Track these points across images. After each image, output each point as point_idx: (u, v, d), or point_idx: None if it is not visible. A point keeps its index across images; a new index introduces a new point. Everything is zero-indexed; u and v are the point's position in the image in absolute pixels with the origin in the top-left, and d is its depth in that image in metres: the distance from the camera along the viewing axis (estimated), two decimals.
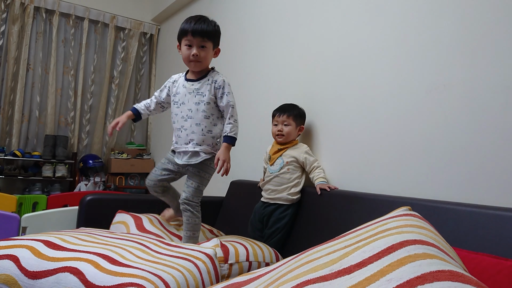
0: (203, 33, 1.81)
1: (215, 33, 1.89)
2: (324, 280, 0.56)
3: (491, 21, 1.53)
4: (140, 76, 4.68)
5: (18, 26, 3.92)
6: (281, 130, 2.15)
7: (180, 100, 1.90)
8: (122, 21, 4.50)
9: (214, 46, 1.90)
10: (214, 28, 1.87)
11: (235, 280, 0.81)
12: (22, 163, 3.99)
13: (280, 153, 2.15)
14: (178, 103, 1.90)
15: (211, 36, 1.85)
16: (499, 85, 1.47)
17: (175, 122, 1.92)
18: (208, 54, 1.87)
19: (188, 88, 1.89)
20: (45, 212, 2.39)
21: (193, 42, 1.82)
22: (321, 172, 2.08)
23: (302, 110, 2.23)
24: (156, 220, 2.04)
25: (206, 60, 1.88)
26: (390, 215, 0.79)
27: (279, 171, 2.11)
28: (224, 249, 1.57)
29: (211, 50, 1.89)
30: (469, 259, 1.18)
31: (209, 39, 1.85)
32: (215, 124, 1.89)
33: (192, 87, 1.88)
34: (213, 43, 1.88)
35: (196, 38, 1.81)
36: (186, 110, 1.87)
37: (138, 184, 4.31)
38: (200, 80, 1.89)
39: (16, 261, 1.12)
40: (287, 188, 2.07)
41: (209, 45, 1.86)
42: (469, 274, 0.53)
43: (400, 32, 1.86)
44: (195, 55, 1.82)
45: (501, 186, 1.44)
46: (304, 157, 2.10)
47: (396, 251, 0.57)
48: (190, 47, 1.83)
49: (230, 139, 1.84)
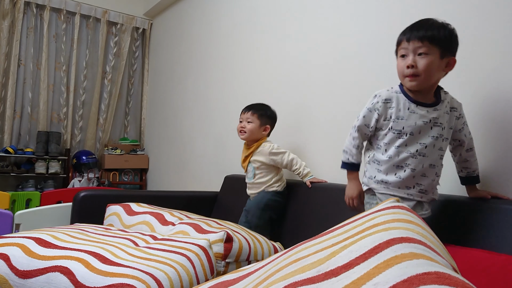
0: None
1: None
2: (311, 282, 0.56)
3: (484, 16, 1.53)
4: (133, 71, 4.65)
5: (8, 21, 3.88)
6: (244, 127, 2.14)
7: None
8: (114, 16, 4.46)
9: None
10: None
11: (224, 278, 0.81)
12: (15, 159, 3.96)
13: (248, 159, 2.16)
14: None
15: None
16: (492, 77, 1.48)
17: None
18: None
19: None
20: (39, 209, 2.38)
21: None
22: (303, 168, 2.06)
23: (271, 111, 2.20)
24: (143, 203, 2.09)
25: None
26: (378, 207, 0.79)
27: (254, 178, 2.12)
28: (226, 246, 1.54)
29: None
30: (461, 254, 1.18)
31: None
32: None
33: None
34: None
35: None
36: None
37: (132, 180, 4.30)
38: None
39: (6, 260, 1.11)
40: (268, 187, 2.08)
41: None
42: (457, 274, 0.53)
43: (396, 28, 1.86)
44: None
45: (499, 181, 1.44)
46: (271, 159, 2.08)
47: (382, 251, 0.57)
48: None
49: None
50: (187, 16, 3.82)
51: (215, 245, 1.53)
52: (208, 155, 3.28)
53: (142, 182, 4.35)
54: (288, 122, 2.40)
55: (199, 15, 3.60)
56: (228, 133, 3.01)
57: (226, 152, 3.03)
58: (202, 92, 3.44)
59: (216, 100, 3.24)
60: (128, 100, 4.64)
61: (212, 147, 3.23)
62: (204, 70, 3.44)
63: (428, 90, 1.32)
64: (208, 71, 3.37)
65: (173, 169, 3.85)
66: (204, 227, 1.68)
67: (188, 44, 3.74)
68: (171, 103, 4.02)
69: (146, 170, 4.40)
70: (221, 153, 3.10)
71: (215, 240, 1.54)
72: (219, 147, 3.14)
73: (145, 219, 1.86)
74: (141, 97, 4.70)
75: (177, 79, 3.93)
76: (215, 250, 1.52)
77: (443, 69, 1.30)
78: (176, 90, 3.94)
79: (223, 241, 1.55)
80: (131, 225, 1.86)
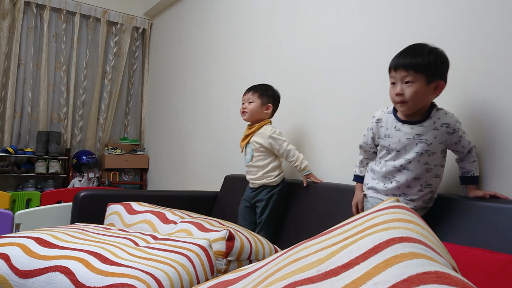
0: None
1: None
2: (312, 282, 0.56)
3: (483, 12, 1.53)
4: (133, 71, 4.65)
5: (8, 21, 3.88)
6: (245, 107, 2.14)
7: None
8: (114, 16, 4.45)
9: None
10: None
11: (224, 277, 0.81)
12: (15, 159, 3.96)
13: (247, 139, 2.14)
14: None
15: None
16: (490, 76, 1.48)
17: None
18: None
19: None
20: (39, 209, 2.38)
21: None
22: (301, 161, 2.05)
23: (272, 91, 2.18)
24: (143, 202, 2.09)
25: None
26: (378, 207, 0.79)
27: (251, 160, 2.11)
28: (228, 244, 1.54)
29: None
30: (461, 253, 1.18)
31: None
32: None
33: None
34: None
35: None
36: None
37: (132, 180, 4.30)
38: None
39: (7, 260, 1.11)
40: (265, 174, 2.07)
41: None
42: (457, 273, 0.53)
43: (394, 25, 1.86)
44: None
45: (496, 178, 1.44)
46: (269, 143, 2.06)
47: (382, 250, 0.57)
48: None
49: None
50: (187, 16, 3.82)
51: (217, 243, 1.53)
52: (208, 155, 3.28)
53: (142, 182, 4.35)
54: (288, 121, 2.40)
55: (199, 15, 3.60)
56: (228, 132, 3.01)
57: (226, 152, 3.03)
58: (202, 91, 3.44)
59: (216, 99, 3.24)
60: (128, 100, 4.64)
61: (212, 146, 3.23)
62: (204, 69, 3.44)
63: (418, 110, 1.40)
64: (208, 70, 3.37)
65: (173, 168, 3.85)
66: (206, 225, 1.68)
67: (188, 44, 3.74)
68: (171, 102, 4.02)
69: (146, 170, 4.40)
70: (221, 153, 3.10)
71: (217, 238, 1.54)
72: (219, 147, 3.14)
73: (146, 217, 1.86)
74: (141, 96, 4.70)
75: (177, 78, 3.93)
76: (217, 248, 1.52)
77: (432, 92, 1.36)
78: (176, 90, 3.94)
79: (225, 239, 1.55)
80: (132, 224, 1.86)
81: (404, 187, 1.43)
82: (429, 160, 1.40)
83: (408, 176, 1.41)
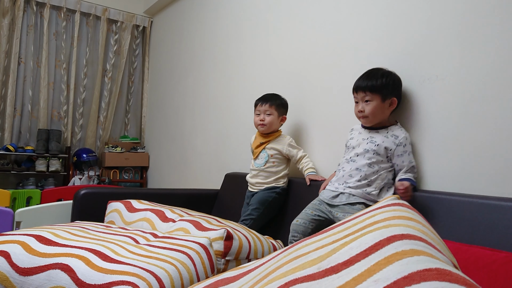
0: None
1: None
2: (312, 279, 0.55)
3: (483, 12, 1.52)
4: (133, 69, 4.65)
5: (8, 19, 3.87)
6: (263, 119, 2.16)
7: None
8: (114, 14, 4.45)
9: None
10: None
11: (224, 275, 0.81)
12: (15, 157, 3.96)
13: (263, 146, 2.17)
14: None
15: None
16: (490, 75, 1.48)
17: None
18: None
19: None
20: (39, 207, 2.38)
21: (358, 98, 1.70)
22: (309, 162, 2.11)
23: (285, 100, 2.24)
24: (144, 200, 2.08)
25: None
26: (379, 205, 0.79)
27: (264, 165, 2.15)
28: (226, 244, 1.53)
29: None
30: (462, 251, 1.18)
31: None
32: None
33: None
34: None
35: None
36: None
37: (133, 178, 4.30)
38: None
39: (7, 257, 1.11)
40: (275, 180, 2.13)
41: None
42: (457, 270, 0.53)
43: (393, 23, 1.85)
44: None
45: (495, 176, 1.44)
46: (288, 150, 2.13)
47: (383, 247, 0.56)
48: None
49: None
50: (187, 14, 3.82)
51: (215, 242, 1.52)
52: (208, 153, 3.28)
53: (143, 180, 4.35)
54: (288, 121, 2.39)
55: (199, 13, 3.59)
56: (229, 130, 3.01)
57: (227, 150, 3.03)
58: (203, 89, 3.44)
59: (216, 97, 3.23)
60: (128, 98, 4.64)
61: (213, 144, 3.23)
62: (205, 68, 3.43)
63: (379, 122, 1.68)
64: (209, 69, 3.37)
65: (174, 167, 3.85)
66: (204, 224, 1.68)
67: (188, 42, 3.74)
68: (172, 101, 4.01)
69: (146, 168, 4.40)
70: (222, 151, 3.10)
71: (215, 238, 1.54)
72: (219, 145, 3.14)
73: (145, 216, 1.86)
74: (142, 95, 4.69)
75: (177, 77, 3.92)
76: (215, 248, 1.51)
77: (387, 108, 1.65)
78: (176, 88, 3.93)
79: (223, 238, 1.54)
80: (132, 221, 1.86)
81: (347, 176, 1.66)
82: (373, 158, 1.62)
83: (352, 166, 1.66)
